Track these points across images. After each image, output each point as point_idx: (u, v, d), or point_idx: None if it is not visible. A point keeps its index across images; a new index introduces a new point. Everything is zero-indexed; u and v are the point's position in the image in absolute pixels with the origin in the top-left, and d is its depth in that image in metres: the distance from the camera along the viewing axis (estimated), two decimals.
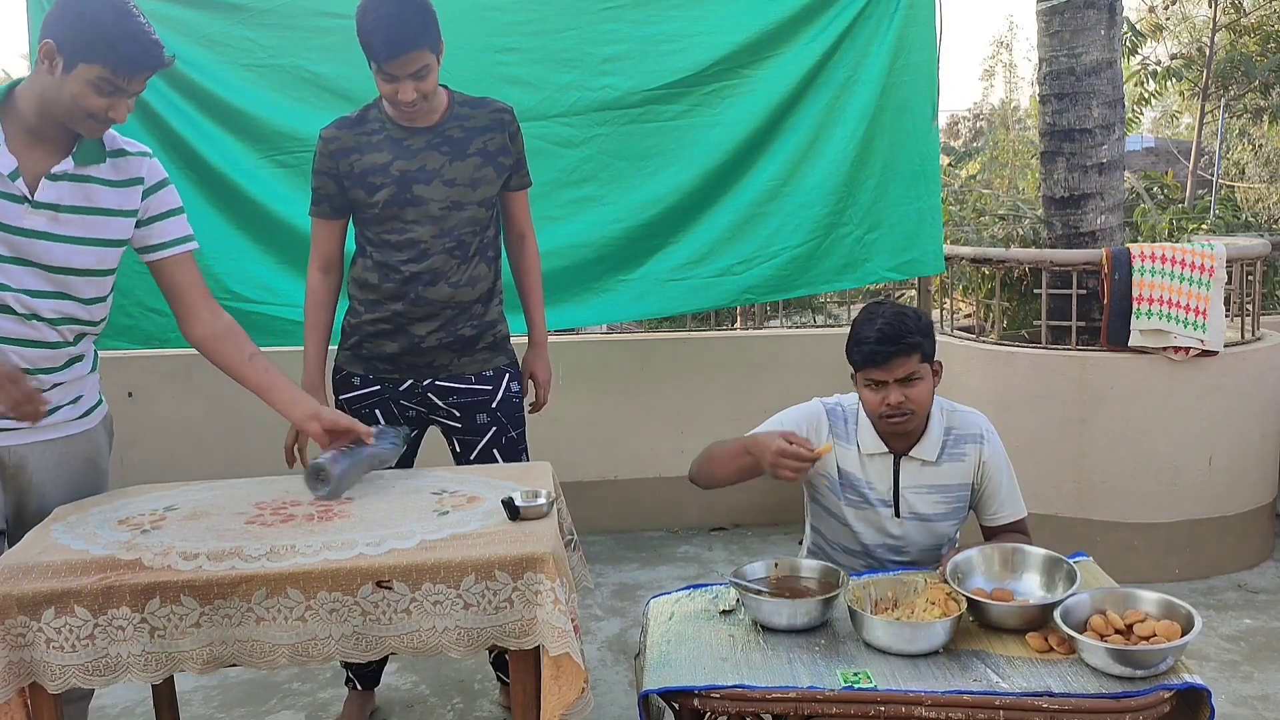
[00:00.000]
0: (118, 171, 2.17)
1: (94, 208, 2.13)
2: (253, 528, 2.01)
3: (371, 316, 2.61)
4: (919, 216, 3.84)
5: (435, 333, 2.61)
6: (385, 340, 2.62)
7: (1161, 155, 16.89)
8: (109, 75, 1.98)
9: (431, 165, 2.54)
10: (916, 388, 2.26)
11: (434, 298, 2.58)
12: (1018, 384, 3.81)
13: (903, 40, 3.74)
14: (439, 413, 2.70)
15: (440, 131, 2.56)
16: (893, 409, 2.25)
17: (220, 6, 3.45)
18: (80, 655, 1.82)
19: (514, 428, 2.74)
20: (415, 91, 2.42)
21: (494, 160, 2.61)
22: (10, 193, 2.03)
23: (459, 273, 2.59)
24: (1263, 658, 3.20)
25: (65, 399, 2.21)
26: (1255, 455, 3.87)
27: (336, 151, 2.54)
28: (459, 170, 2.56)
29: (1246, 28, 11.30)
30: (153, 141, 3.46)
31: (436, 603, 1.87)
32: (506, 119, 2.64)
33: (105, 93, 2.00)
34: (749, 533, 4.38)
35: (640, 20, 3.65)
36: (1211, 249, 3.66)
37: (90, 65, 1.97)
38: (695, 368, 4.41)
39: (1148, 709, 1.73)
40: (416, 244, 2.55)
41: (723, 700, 1.81)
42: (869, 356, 2.24)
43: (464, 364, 2.66)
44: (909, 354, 2.24)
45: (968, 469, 2.36)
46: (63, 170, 2.08)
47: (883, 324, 2.24)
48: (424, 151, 2.54)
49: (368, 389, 2.65)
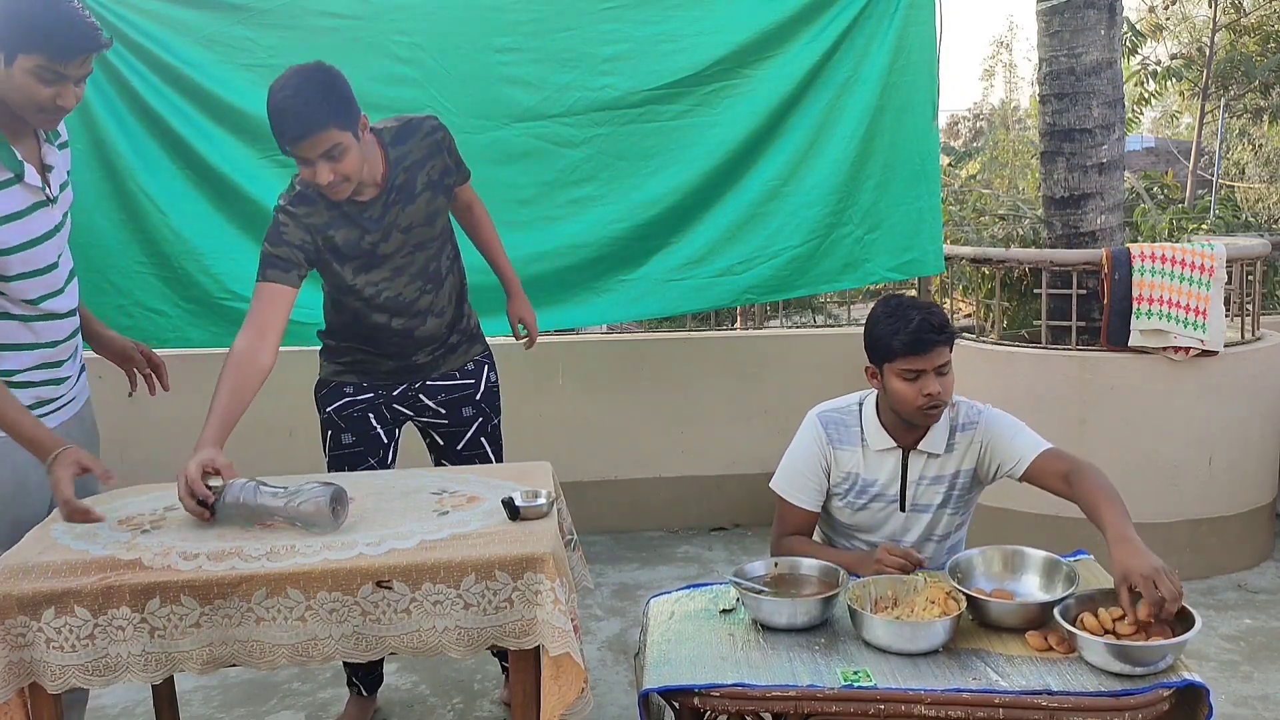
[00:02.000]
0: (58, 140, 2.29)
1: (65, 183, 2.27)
2: (253, 528, 2.01)
3: (366, 353, 2.65)
4: (919, 216, 3.84)
5: (426, 349, 2.68)
6: (381, 361, 2.67)
7: (1161, 155, 16.89)
8: (46, 63, 2.00)
9: (389, 221, 2.49)
10: (948, 378, 2.28)
11: (426, 334, 2.64)
12: (1018, 384, 3.81)
13: (903, 40, 3.73)
14: (425, 413, 2.73)
15: (390, 188, 2.47)
16: (932, 399, 2.25)
17: (220, 6, 3.45)
18: (80, 655, 1.82)
19: (495, 415, 2.83)
20: (332, 173, 2.29)
21: (439, 186, 2.57)
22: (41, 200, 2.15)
23: (439, 300, 2.63)
24: (1263, 658, 3.20)
25: (78, 368, 2.36)
26: (1255, 455, 3.87)
27: (312, 226, 2.43)
28: (412, 215, 2.51)
29: (1246, 28, 11.30)
30: (153, 141, 3.47)
31: (436, 603, 1.87)
32: (438, 137, 2.55)
33: (48, 81, 2.02)
34: (749, 533, 4.38)
35: (640, 20, 3.65)
36: (1211, 249, 3.66)
37: (28, 55, 1.99)
38: (695, 368, 4.41)
39: (1147, 707, 1.74)
40: (398, 299, 2.56)
41: (723, 699, 1.81)
42: (912, 344, 2.22)
43: (449, 362, 2.73)
44: (948, 344, 2.26)
45: (963, 455, 2.37)
46: (51, 161, 2.19)
47: (923, 314, 2.24)
48: (385, 215, 2.48)
49: (361, 395, 2.67)
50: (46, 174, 2.18)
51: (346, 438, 2.67)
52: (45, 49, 1.99)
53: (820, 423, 2.42)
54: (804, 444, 2.42)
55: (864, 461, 2.38)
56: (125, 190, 3.44)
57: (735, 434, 4.42)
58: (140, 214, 3.46)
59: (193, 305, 3.56)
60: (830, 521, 2.48)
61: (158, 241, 3.49)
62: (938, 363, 2.24)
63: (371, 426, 2.67)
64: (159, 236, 3.49)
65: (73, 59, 2.03)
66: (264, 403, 4.25)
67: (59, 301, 2.22)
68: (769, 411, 4.39)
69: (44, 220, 2.14)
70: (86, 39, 2.04)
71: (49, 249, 2.16)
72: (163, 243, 3.49)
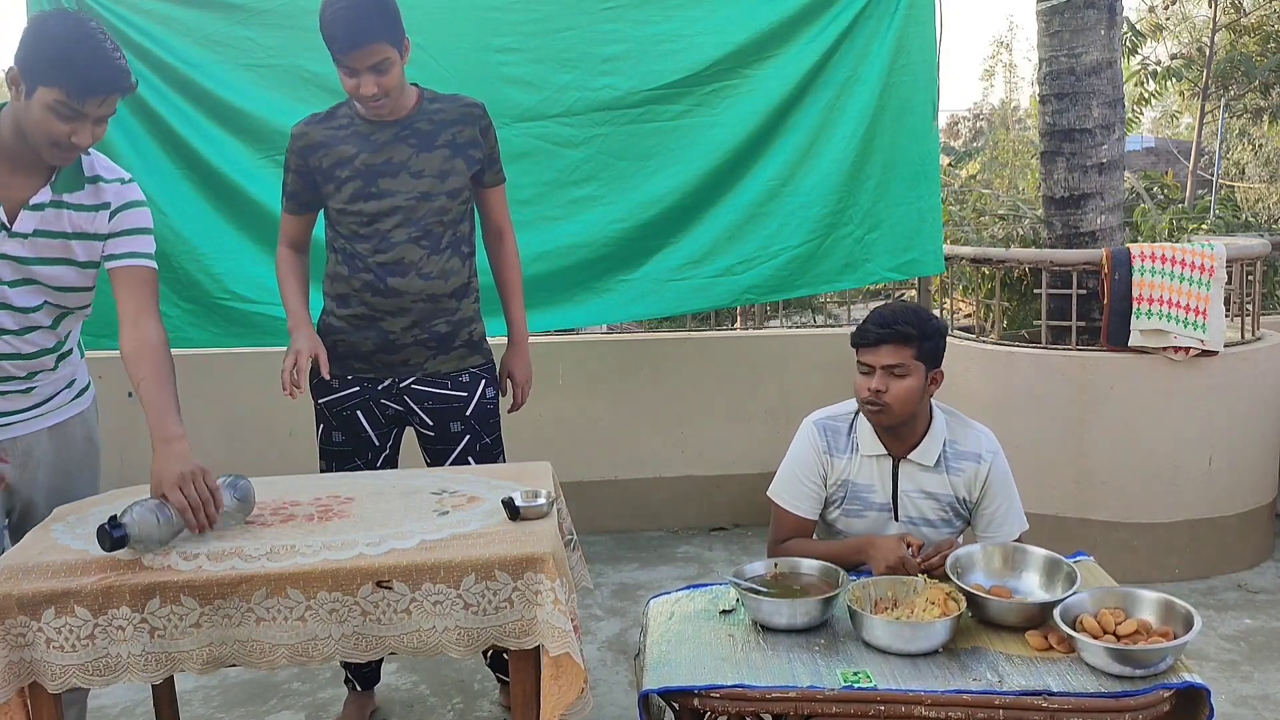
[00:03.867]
0: (92, 197, 2.16)
1: (66, 232, 2.13)
2: (252, 528, 2.01)
3: (345, 312, 2.61)
4: (919, 216, 3.84)
5: (409, 329, 2.60)
6: (359, 336, 2.60)
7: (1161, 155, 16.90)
8: (64, 99, 1.92)
9: (399, 158, 2.54)
10: (901, 383, 2.25)
11: (404, 289, 2.56)
12: (1018, 384, 3.81)
13: (903, 40, 3.73)
14: (414, 418, 2.67)
15: (408, 124, 2.56)
16: (871, 395, 2.25)
17: (220, 6, 3.45)
18: (80, 655, 1.82)
19: (488, 434, 2.71)
20: (376, 86, 2.41)
21: (463, 152, 2.60)
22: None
23: (429, 264, 2.57)
24: (1263, 658, 3.20)
25: (60, 385, 2.30)
26: (1255, 455, 3.87)
27: (305, 148, 2.56)
28: (426, 162, 2.55)
29: (1246, 28, 11.31)
30: (153, 141, 3.47)
31: (436, 603, 1.87)
32: (477, 113, 2.63)
33: (64, 117, 1.94)
34: (749, 533, 4.38)
35: (640, 20, 3.65)
36: (1211, 249, 3.66)
37: (48, 89, 1.92)
38: (695, 368, 4.41)
39: (1147, 708, 1.74)
40: (382, 234, 2.55)
41: (723, 700, 1.81)
42: (859, 334, 2.29)
43: (440, 362, 2.64)
44: (898, 343, 2.24)
45: (960, 485, 2.35)
46: (41, 200, 2.08)
47: (884, 310, 2.27)
48: (391, 144, 2.54)
49: (347, 390, 2.63)
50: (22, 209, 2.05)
51: (336, 435, 2.66)
52: (67, 84, 1.91)
53: (818, 430, 2.41)
54: (802, 451, 2.41)
55: (857, 468, 2.37)
56: None
57: (735, 434, 4.42)
58: None
59: (193, 305, 3.56)
60: (829, 532, 2.48)
61: (158, 241, 3.45)
62: (885, 361, 2.24)
63: (362, 428, 2.65)
64: (159, 236, 3.42)
65: (93, 97, 1.95)
66: (264, 403, 4.26)
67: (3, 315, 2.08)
68: (769, 412, 4.40)
69: None
70: (111, 80, 1.96)
71: None
72: (163, 243, 3.46)
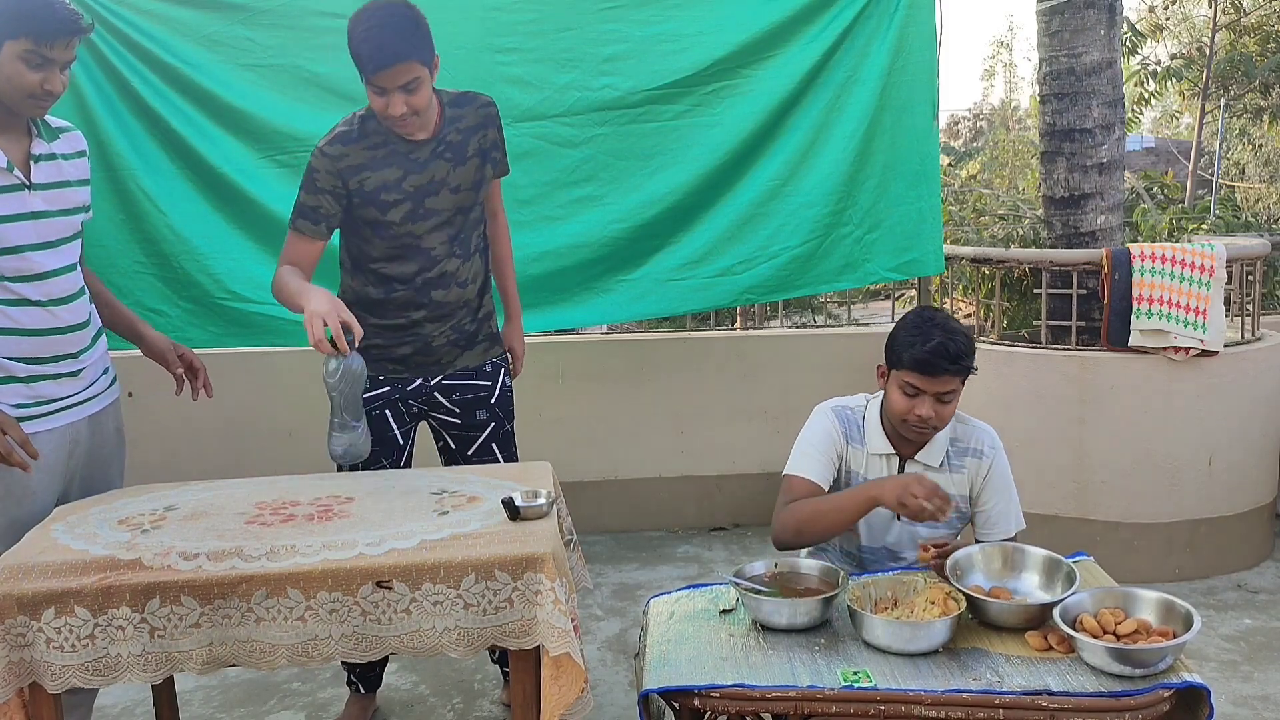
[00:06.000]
0: (68, 145, 2.35)
1: (65, 181, 2.30)
2: (253, 528, 2.01)
3: (381, 323, 2.59)
4: (919, 216, 3.84)
5: (445, 331, 2.65)
6: (394, 341, 2.62)
7: (1161, 155, 16.91)
8: (34, 46, 2.09)
9: (439, 175, 2.54)
10: (948, 406, 2.25)
11: (446, 300, 2.61)
12: (1018, 384, 3.81)
13: (903, 40, 3.73)
14: (440, 410, 2.71)
15: (441, 139, 2.55)
16: (920, 420, 2.23)
17: (220, 6, 3.45)
18: (80, 655, 1.82)
19: (509, 421, 2.80)
20: (405, 105, 2.36)
21: (489, 157, 2.64)
22: (11, 184, 2.17)
23: (464, 271, 2.63)
24: (1263, 658, 3.20)
25: (99, 370, 2.39)
26: (1255, 455, 3.87)
27: (346, 169, 2.47)
28: (463, 176, 2.57)
29: (1246, 28, 11.31)
30: (153, 141, 3.47)
31: (436, 603, 1.87)
32: (492, 112, 2.65)
33: (35, 65, 2.11)
34: (749, 533, 4.38)
35: (640, 20, 3.65)
36: (1211, 249, 3.66)
37: (15, 41, 2.08)
38: (695, 368, 4.41)
39: (1147, 708, 1.74)
40: (428, 252, 2.56)
41: (723, 700, 1.81)
42: (920, 364, 2.20)
43: (468, 358, 2.71)
44: (959, 375, 2.23)
45: (963, 481, 2.36)
46: (41, 151, 2.24)
47: (944, 339, 2.19)
48: (430, 163, 2.53)
49: (378, 390, 2.64)
50: (32, 163, 2.21)
51: None
52: (31, 32, 2.07)
53: (835, 414, 2.41)
54: (821, 428, 2.39)
55: (864, 463, 2.38)
56: (125, 190, 3.44)
57: (735, 434, 4.42)
58: (140, 214, 3.46)
59: (192, 305, 3.56)
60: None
61: (158, 241, 3.49)
62: (940, 389, 2.22)
63: (390, 428, 2.66)
64: (159, 236, 3.49)
65: (58, 41, 2.11)
66: (264, 403, 4.27)
67: (36, 288, 2.20)
68: (769, 411, 4.39)
69: (12, 203, 2.16)
70: (69, 22, 2.12)
71: (17, 231, 2.16)
72: (163, 243, 3.49)
